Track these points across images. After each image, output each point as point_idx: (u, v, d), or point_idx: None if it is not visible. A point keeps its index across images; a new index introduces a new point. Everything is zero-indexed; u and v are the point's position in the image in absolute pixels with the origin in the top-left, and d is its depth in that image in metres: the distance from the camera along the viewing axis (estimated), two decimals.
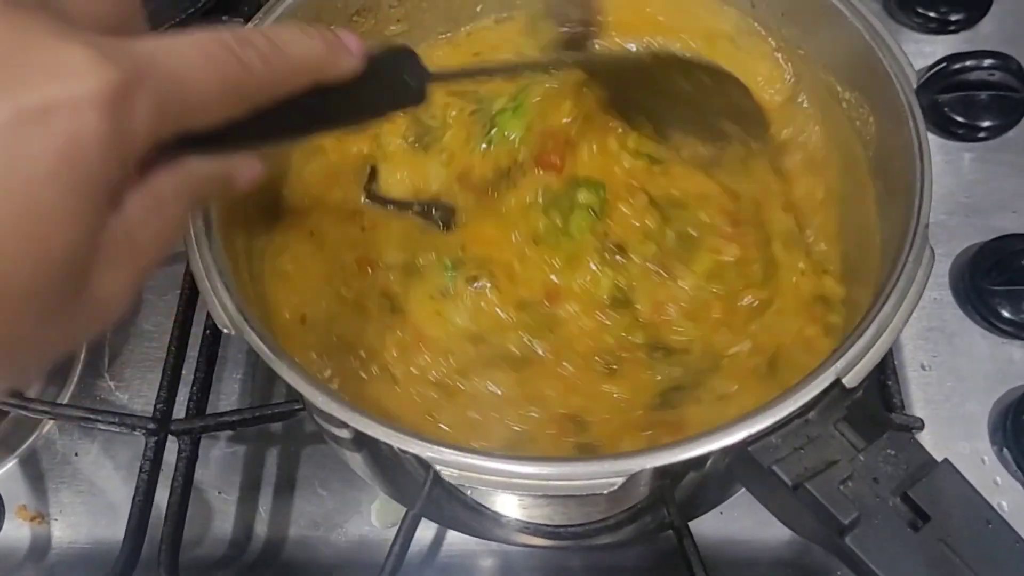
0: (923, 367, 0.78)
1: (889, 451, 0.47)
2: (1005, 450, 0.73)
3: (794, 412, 0.47)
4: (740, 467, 0.49)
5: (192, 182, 0.38)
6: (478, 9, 0.78)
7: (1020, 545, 0.45)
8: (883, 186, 0.61)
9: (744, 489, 0.55)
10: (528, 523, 0.65)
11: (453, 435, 0.59)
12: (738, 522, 0.72)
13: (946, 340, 0.79)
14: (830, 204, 0.68)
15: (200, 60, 0.35)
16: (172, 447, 0.72)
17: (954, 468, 0.47)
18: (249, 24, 0.63)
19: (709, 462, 0.48)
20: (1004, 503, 0.71)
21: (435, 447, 0.46)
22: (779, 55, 0.71)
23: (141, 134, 0.33)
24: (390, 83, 0.49)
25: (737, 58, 0.72)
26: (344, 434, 0.56)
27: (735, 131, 0.68)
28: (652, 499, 0.60)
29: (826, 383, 0.48)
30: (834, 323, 0.63)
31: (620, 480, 0.45)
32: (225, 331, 0.51)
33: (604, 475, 0.45)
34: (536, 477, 0.46)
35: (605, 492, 0.45)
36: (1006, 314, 0.77)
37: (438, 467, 0.46)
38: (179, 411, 0.74)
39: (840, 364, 0.48)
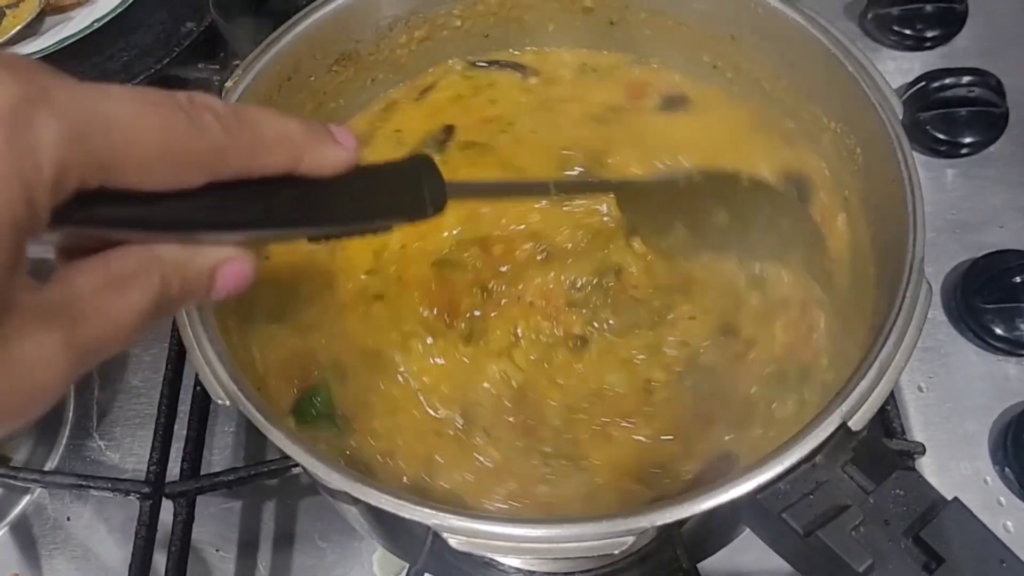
0: (920, 389, 0.78)
1: (898, 491, 0.47)
2: (1007, 469, 0.72)
3: (802, 458, 0.47)
4: (750, 515, 0.48)
5: (160, 268, 0.35)
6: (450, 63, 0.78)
7: None
8: (874, 216, 0.61)
9: None
10: (535, 572, 0.64)
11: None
12: (743, 554, 0.71)
13: (941, 360, 0.79)
14: None
15: (134, 106, 0.32)
16: (167, 506, 0.70)
17: (964, 506, 0.46)
18: (228, 82, 0.62)
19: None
20: (1009, 523, 0.71)
21: (441, 514, 0.45)
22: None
23: (48, 161, 0.30)
24: (397, 190, 0.44)
25: None
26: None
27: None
28: (660, 542, 0.59)
29: (832, 427, 0.47)
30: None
31: (631, 539, 0.44)
32: (220, 403, 0.50)
33: (614, 535, 0.45)
34: (546, 540, 0.45)
35: (617, 552, 0.44)
36: (999, 331, 0.77)
37: (445, 535, 0.45)
38: (172, 468, 0.73)
39: (845, 407, 0.48)
